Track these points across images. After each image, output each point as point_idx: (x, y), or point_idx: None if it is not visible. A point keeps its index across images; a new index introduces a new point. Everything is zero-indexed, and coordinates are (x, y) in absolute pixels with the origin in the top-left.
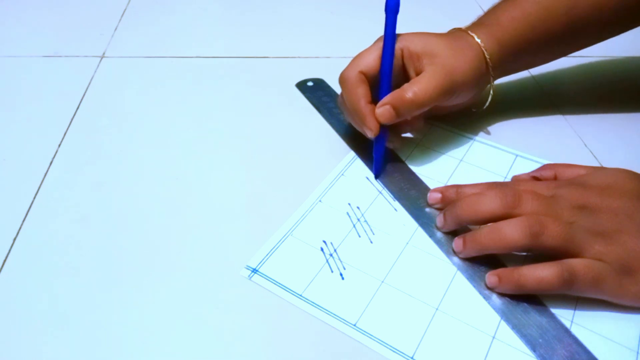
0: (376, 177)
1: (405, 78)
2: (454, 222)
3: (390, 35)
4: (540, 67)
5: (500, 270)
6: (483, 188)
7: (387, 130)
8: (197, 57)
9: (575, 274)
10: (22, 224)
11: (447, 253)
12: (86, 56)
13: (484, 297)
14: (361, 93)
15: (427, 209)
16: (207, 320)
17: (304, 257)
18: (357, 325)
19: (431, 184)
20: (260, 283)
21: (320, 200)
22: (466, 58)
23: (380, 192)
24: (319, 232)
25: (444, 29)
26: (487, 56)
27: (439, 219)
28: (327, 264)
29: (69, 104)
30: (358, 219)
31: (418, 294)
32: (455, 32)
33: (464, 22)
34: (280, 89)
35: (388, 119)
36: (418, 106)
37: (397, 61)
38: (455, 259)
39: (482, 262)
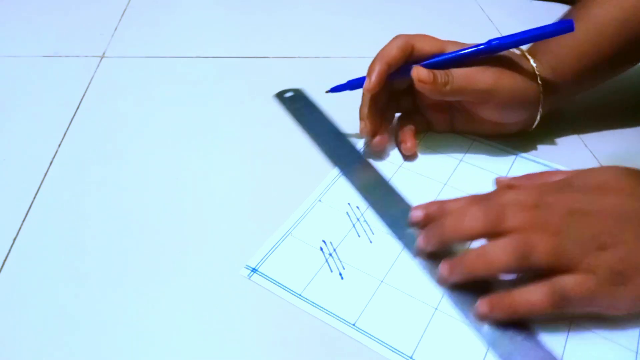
0: (328, 91)
1: None
2: (437, 242)
3: (466, 55)
4: None
5: (490, 297)
6: (466, 203)
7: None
8: (197, 57)
9: (566, 293)
10: (22, 224)
11: (431, 276)
12: (86, 56)
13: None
14: (392, 54)
15: (410, 230)
16: (207, 319)
17: (304, 257)
18: (356, 324)
19: (431, 184)
20: (259, 282)
21: (319, 200)
22: (518, 75)
23: None
24: (318, 232)
25: (444, 28)
26: (539, 81)
27: (421, 240)
28: (326, 264)
29: (69, 104)
30: (357, 219)
31: (417, 293)
32: (512, 51)
33: (464, 22)
34: (280, 88)
35: (421, 75)
36: (452, 89)
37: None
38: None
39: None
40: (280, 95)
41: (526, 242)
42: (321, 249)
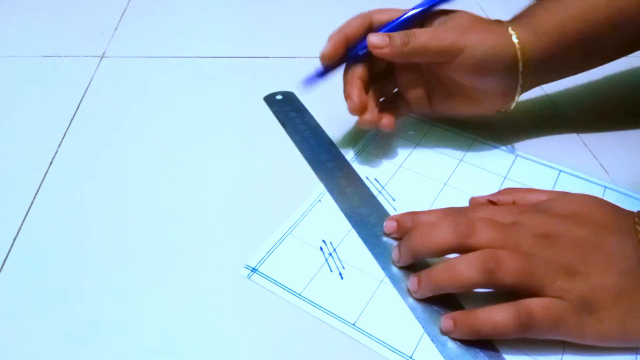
0: (303, 86)
1: None
2: (409, 255)
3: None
4: None
5: (455, 314)
6: (439, 216)
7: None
8: (197, 57)
9: (532, 316)
10: (22, 224)
11: (400, 291)
12: (86, 56)
13: (434, 341)
14: (351, 25)
15: (385, 238)
16: (206, 319)
17: (303, 257)
18: (356, 324)
19: (431, 184)
20: (259, 282)
21: (320, 200)
22: (489, 34)
23: (379, 192)
24: (318, 232)
25: None
26: (517, 45)
27: (394, 253)
28: (326, 264)
29: (69, 104)
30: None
31: None
32: (488, 19)
33: None
34: (280, 88)
35: (374, 41)
36: (414, 48)
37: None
38: (410, 299)
39: (436, 301)
40: (269, 98)
41: (494, 258)
42: (321, 248)
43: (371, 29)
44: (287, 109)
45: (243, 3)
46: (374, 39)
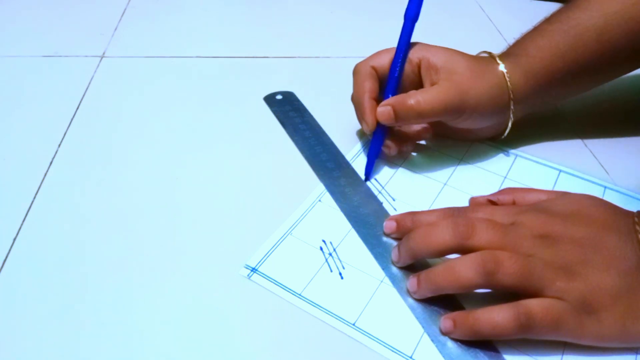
0: (367, 178)
1: (419, 87)
2: (408, 255)
3: (404, 41)
4: None
5: (455, 314)
6: (439, 216)
7: (386, 132)
8: (197, 57)
9: (532, 317)
10: (22, 224)
11: (400, 291)
12: (86, 56)
13: (434, 341)
14: (367, 87)
15: (385, 238)
16: (207, 319)
17: (303, 257)
18: (356, 324)
19: (431, 185)
20: (259, 282)
21: (320, 200)
22: (485, 84)
23: (379, 192)
24: (318, 232)
25: (444, 28)
26: (509, 86)
27: (394, 253)
28: (326, 264)
29: (69, 104)
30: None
31: None
32: (482, 56)
33: (464, 22)
34: (280, 88)
35: (386, 119)
36: (418, 115)
37: (413, 68)
38: (409, 299)
39: (437, 302)
40: (269, 98)
41: (493, 259)
42: (321, 248)
43: (380, 76)
44: (287, 109)
45: (243, 3)
46: (381, 115)
